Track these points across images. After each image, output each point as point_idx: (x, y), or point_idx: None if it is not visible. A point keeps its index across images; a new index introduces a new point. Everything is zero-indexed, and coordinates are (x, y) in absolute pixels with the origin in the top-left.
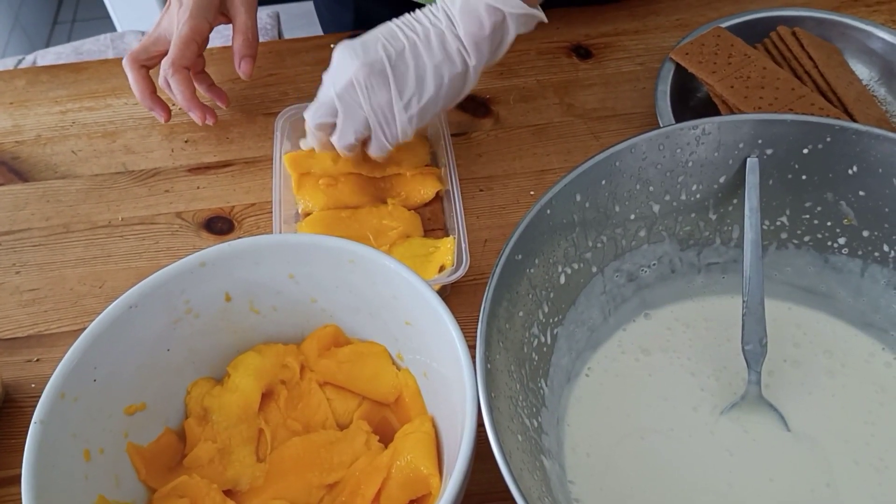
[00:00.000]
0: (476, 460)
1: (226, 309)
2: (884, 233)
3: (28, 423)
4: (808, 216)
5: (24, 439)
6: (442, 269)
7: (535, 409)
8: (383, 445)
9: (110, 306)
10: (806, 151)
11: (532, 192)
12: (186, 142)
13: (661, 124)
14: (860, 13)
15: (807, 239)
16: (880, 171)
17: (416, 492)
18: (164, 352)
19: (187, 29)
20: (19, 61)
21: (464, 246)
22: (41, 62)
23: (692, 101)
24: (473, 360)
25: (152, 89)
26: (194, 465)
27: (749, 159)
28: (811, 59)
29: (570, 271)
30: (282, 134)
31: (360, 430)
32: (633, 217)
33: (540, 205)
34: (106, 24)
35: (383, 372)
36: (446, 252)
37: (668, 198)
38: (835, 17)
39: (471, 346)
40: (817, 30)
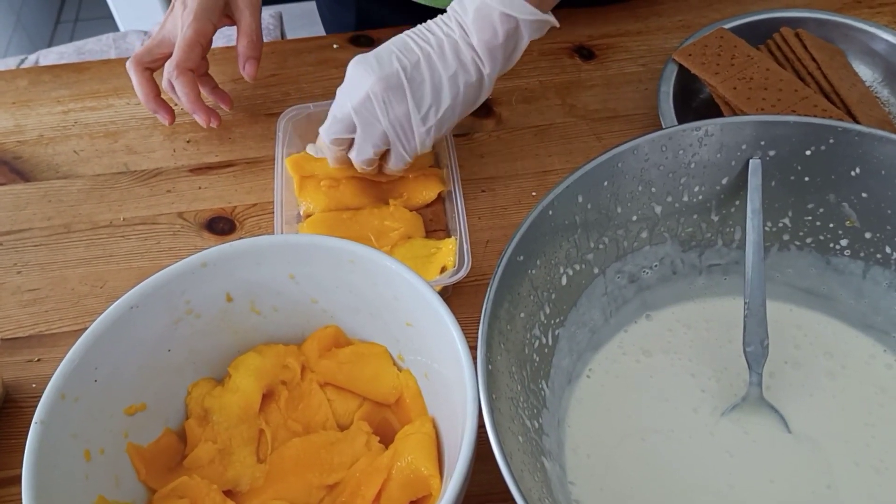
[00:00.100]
0: (477, 461)
1: (227, 309)
2: (886, 234)
3: (28, 424)
4: (810, 218)
5: (24, 439)
6: (443, 269)
7: (535, 411)
8: (384, 446)
9: (111, 306)
10: (809, 153)
11: (534, 193)
12: (188, 142)
13: (664, 125)
14: (863, 14)
15: (809, 240)
16: (883, 172)
17: (417, 493)
18: (165, 352)
19: (191, 31)
20: (21, 61)
21: (465, 247)
22: (43, 62)
23: (695, 103)
24: (474, 362)
25: (156, 92)
26: (194, 465)
27: (751, 161)
28: (814, 60)
29: (571, 272)
30: (284, 134)
31: (361, 430)
32: (635, 218)
33: (542, 206)
34: (108, 24)
35: (384, 373)
36: (448, 253)
37: (670, 199)
38: (838, 19)
39: (472, 347)
40: (820, 31)
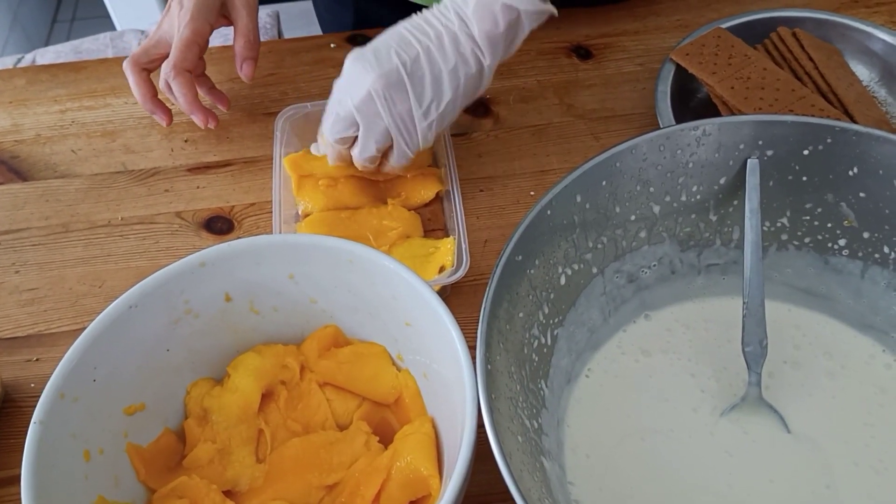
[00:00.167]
0: (476, 461)
1: (226, 309)
2: (884, 234)
3: (28, 423)
4: (808, 217)
5: (23, 439)
6: (442, 269)
7: (535, 411)
8: (383, 446)
9: (110, 306)
10: (806, 153)
11: (532, 193)
12: (186, 141)
13: (662, 125)
14: (860, 14)
15: (807, 240)
16: (881, 172)
17: (416, 493)
18: (164, 352)
19: (188, 31)
20: (18, 60)
21: (464, 246)
22: (40, 61)
23: (692, 102)
24: (473, 361)
25: (153, 93)
26: (194, 465)
27: (749, 160)
28: (811, 60)
29: (570, 272)
30: (282, 134)
31: (360, 430)
32: (633, 218)
33: (540, 205)
34: (105, 23)
35: (383, 373)
36: (446, 252)
37: (668, 199)
38: (835, 18)
39: (471, 347)
40: (817, 31)
